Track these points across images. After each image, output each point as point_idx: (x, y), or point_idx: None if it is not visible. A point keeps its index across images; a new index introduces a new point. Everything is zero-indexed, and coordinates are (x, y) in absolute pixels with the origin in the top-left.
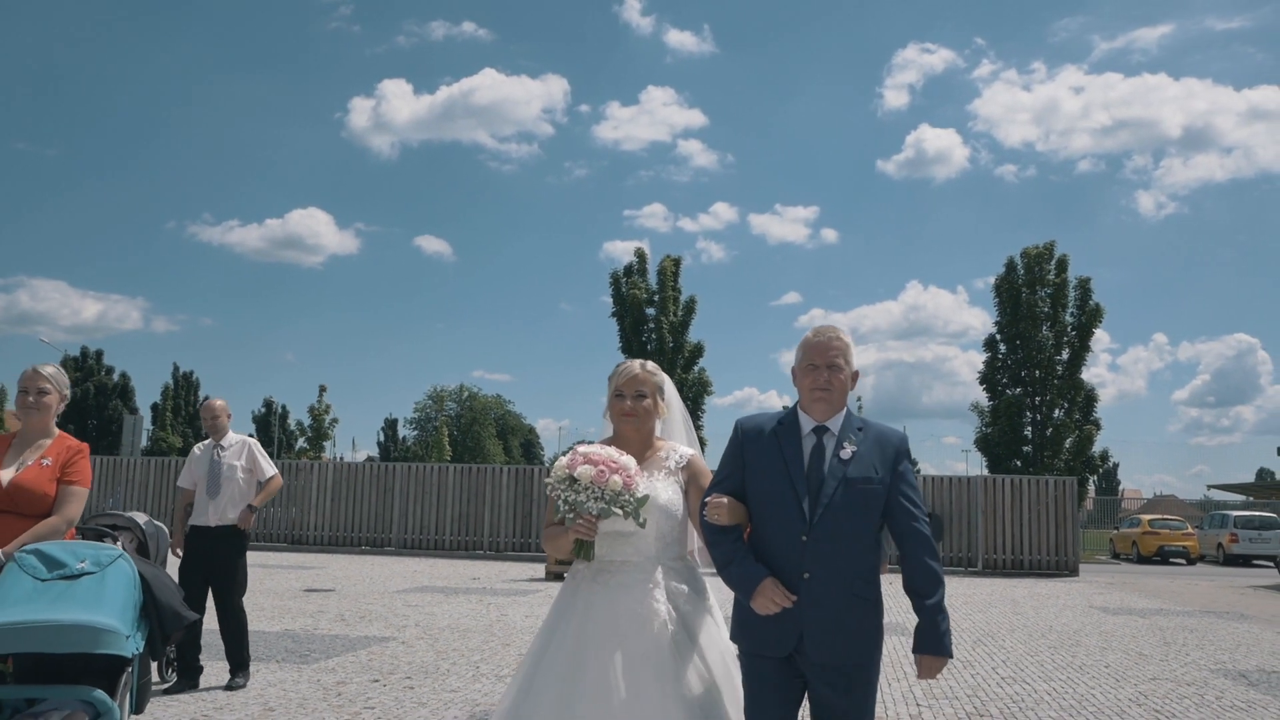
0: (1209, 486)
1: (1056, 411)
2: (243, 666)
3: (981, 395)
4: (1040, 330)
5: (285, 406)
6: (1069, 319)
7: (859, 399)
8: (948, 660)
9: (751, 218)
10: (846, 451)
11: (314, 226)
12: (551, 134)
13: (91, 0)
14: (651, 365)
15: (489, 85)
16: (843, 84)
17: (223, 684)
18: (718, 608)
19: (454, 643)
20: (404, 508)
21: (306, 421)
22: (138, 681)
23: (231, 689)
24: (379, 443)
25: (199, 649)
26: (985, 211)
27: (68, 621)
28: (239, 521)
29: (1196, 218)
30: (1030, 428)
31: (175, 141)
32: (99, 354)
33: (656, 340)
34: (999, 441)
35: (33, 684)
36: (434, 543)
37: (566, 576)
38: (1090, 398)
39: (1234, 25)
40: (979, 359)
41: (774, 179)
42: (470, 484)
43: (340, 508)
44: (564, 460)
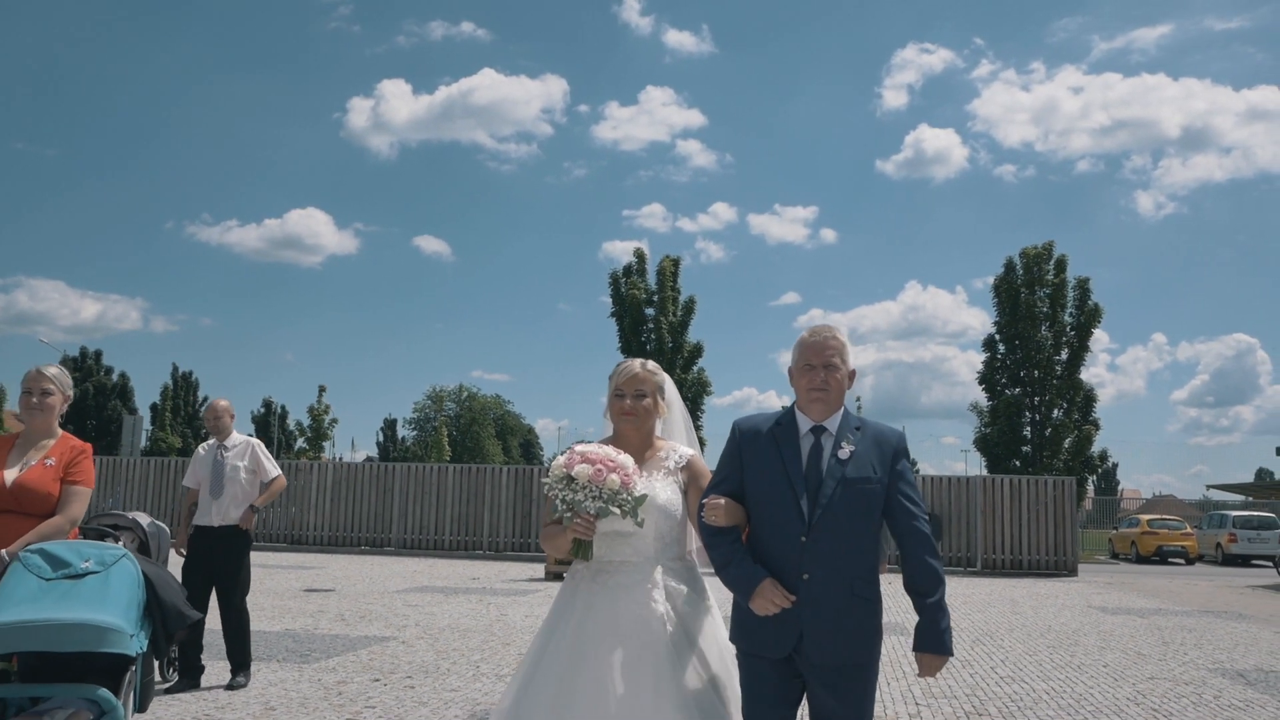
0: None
1: (1055, 411)
2: (244, 666)
3: (980, 395)
4: (1039, 330)
5: (284, 407)
6: (1068, 319)
7: (858, 399)
8: (948, 658)
9: (750, 218)
10: (845, 451)
11: (313, 226)
12: (550, 134)
13: (91, 0)
14: (652, 365)
15: (488, 85)
16: (842, 84)
17: (224, 683)
18: (717, 608)
19: (454, 642)
20: (403, 508)
21: (306, 422)
22: (141, 680)
23: (233, 688)
24: (378, 443)
25: (201, 648)
26: (984, 211)
27: (72, 620)
28: (241, 522)
29: (1195, 218)
30: (1029, 428)
31: (174, 141)
32: (98, 354)
33: (656, 340)
34: (998, 441)
35: (37, 682)
36: (433, 543)
37: (566, 576)
38: (1089, 398)
39: (1233, 25)
40: (978, 359)
41: (773, 179)
42: (470, 484)
43: (340, 508)
44: (561, 459)
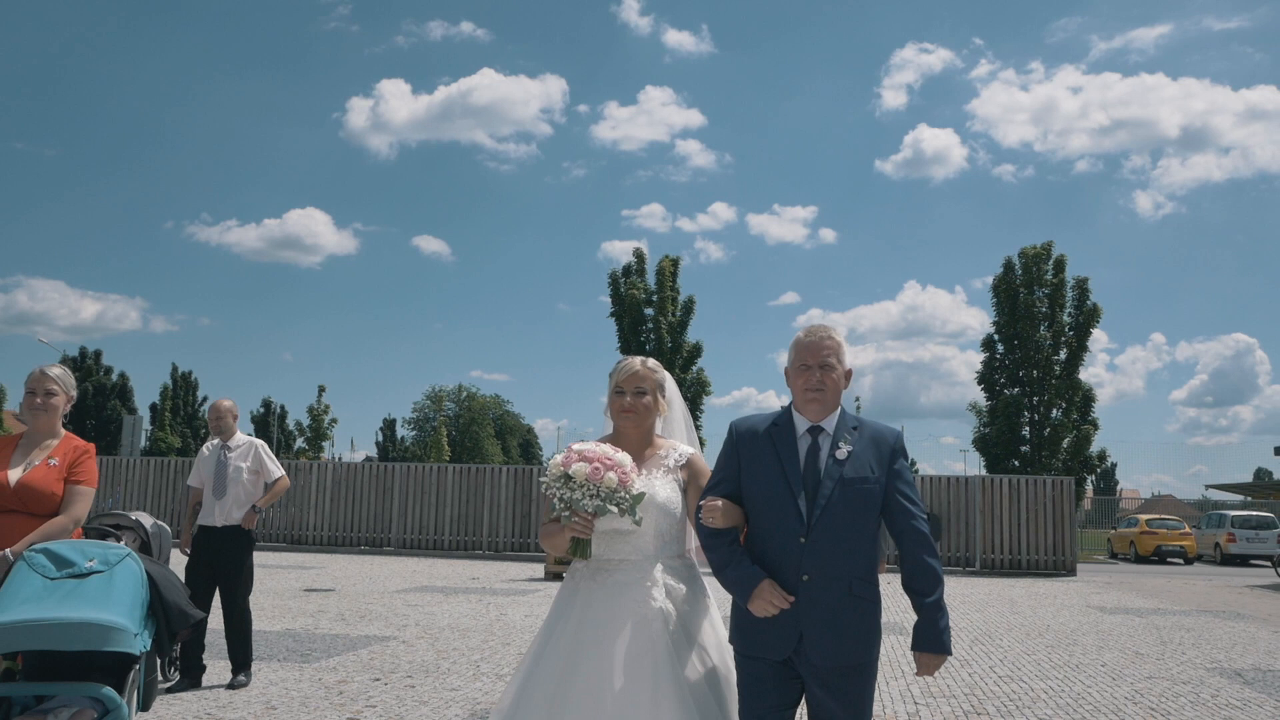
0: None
1: (1054, 411)
2: (245, 665)
3: (979, 395)
4: (1038, 330)
5: (284, 407)
6: (1067, 319)
7: (857, 399)
8: (946, 658)
9: (750, 218)
10: (842, 451)
11: (312, 226)
12: (550, 134)
13: (91, 0)
14: (652, 362)
15: (487, 85)
16: (841, 84)
17: (225, 682)
18: (716, 607)
19: (454, 642)
20: (403, 508)
21: (305, 422)
22: (144, 679)
23: (234, 687)
24: (377, 443)
25: (203, 647)
26: (983, 211)
27: (77, 619)
28: (243, 522)
29: (1194, 218)
30: (1028, 428)
31: (173, 141)
32: (98, 354)
33: (655, 340)
34: (997, 441)
35: (42, 681)
36: (433, 543)
37: (566, 575)
38: (1088, 398)
39: (1232, 25)
40: (977, 359)
41: (772, 179)
42: (469, 484)
43: (339, 508)
44: (559, 458)
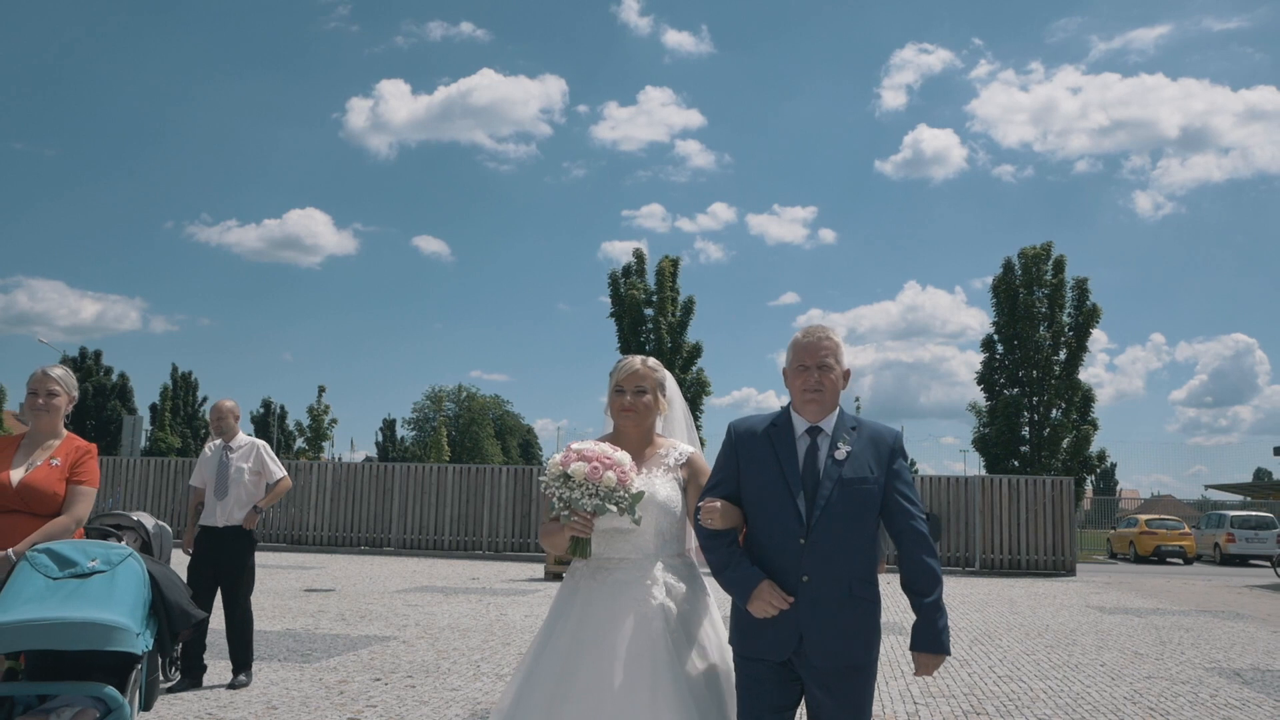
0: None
1: (1054, 411)
2: (246, 665)
3: (979, 395)
4: (1038, 330)
5: (284, 407)
6: (1066, 319)
7: (856, 399)
8: (945, 658)
9: (749, 218)
10: (841, 452)
11: (312, 227)
12: (549, 134)
13: (91, 0)
14: (653, 361)
15: (487, 85)
16: (840, 84)
17: (225, 682)
18: (716, 606)
19: (454, 642)
20: (403, 508)
21: (305, 422)
22: (146, 679)
23: (235, 687)
24: (377, 443)
25: (204, 647)
26: (983, 212)
27: (80, 619)
28: (244, 522)
29: (1194, 218)
30: (1028, 428)
31: (173, 141)
32: (97, 354)
33: (655, 341)
34: (996, 441)
35: (44, 680)
36: (433, 543)
37: (566, 575)
38: (1087, 398)
39: (1231, 26)
40: (977, 359)
41: (772, 179)
42: (469, 484)
43: (339, 508)
44: (558, 457)
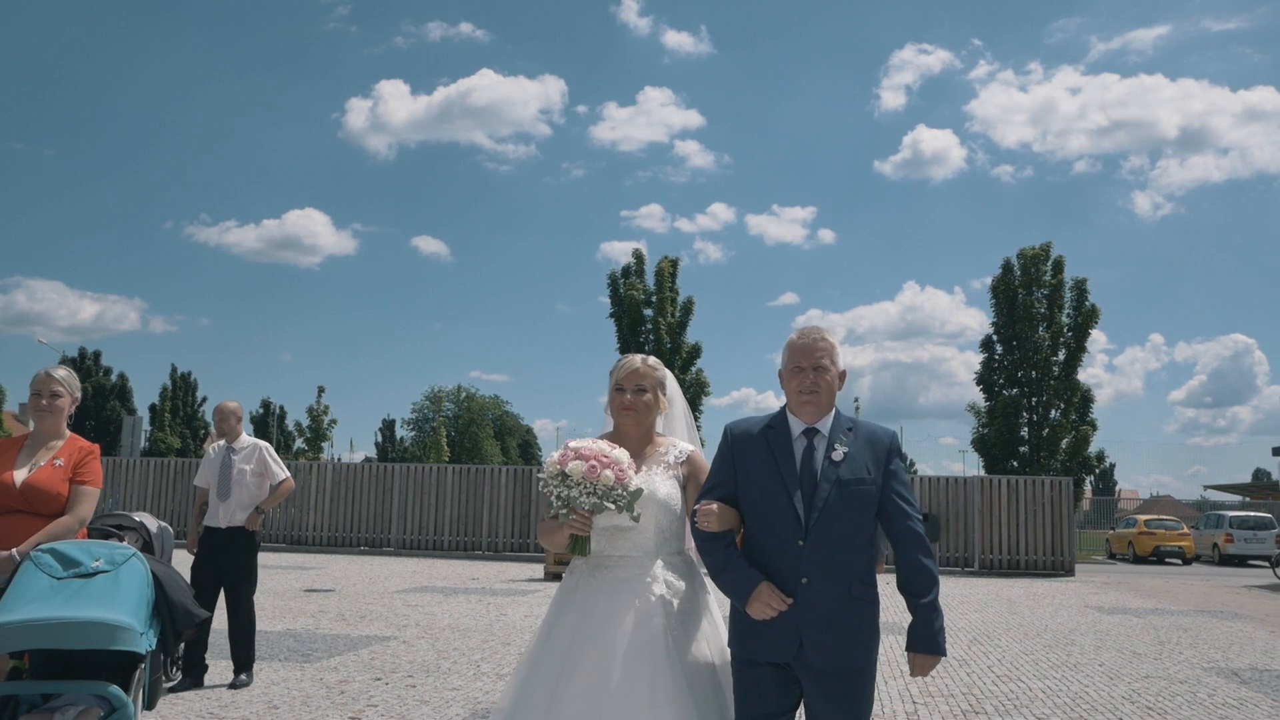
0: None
1: (1053, 412)
2: (247, 665)
3: (978, 396)
4: (1037, 331)
5: (283, 408)
6: (1065, 319)
7: (855, 399)
8: (941, 658)
9: (749, 218)
10: (838, 453)
11: (311, 227)
12: (549, 135)
13: (90, 0)
14: (653, 360)
15: (486, 86)
16: (840, 84)
17: (226, 682)
18: (716, 604)
19: (454, 642)
20: (403, 508)
21: (305, 422)
22: (150, 678)
23: (236, 687)
24: (376, 443)
25: (206, 647)
26: (982, 212)
27: (84, 619)
28: (246, 523)
29: (1193, 218)
30: (1027, 428)
31: (172, 142)
32: (97, 354)
33: (654, 341)
34: (995, 442)
35: (49, 679)
36: (433, 543)
37: (565, 573)
38: (1086, 398)
39: (1230, 26)
40: (976, 359)
41: (771, 179)
42: (469, 485)
43: (339, 508)
44: (555, 456)
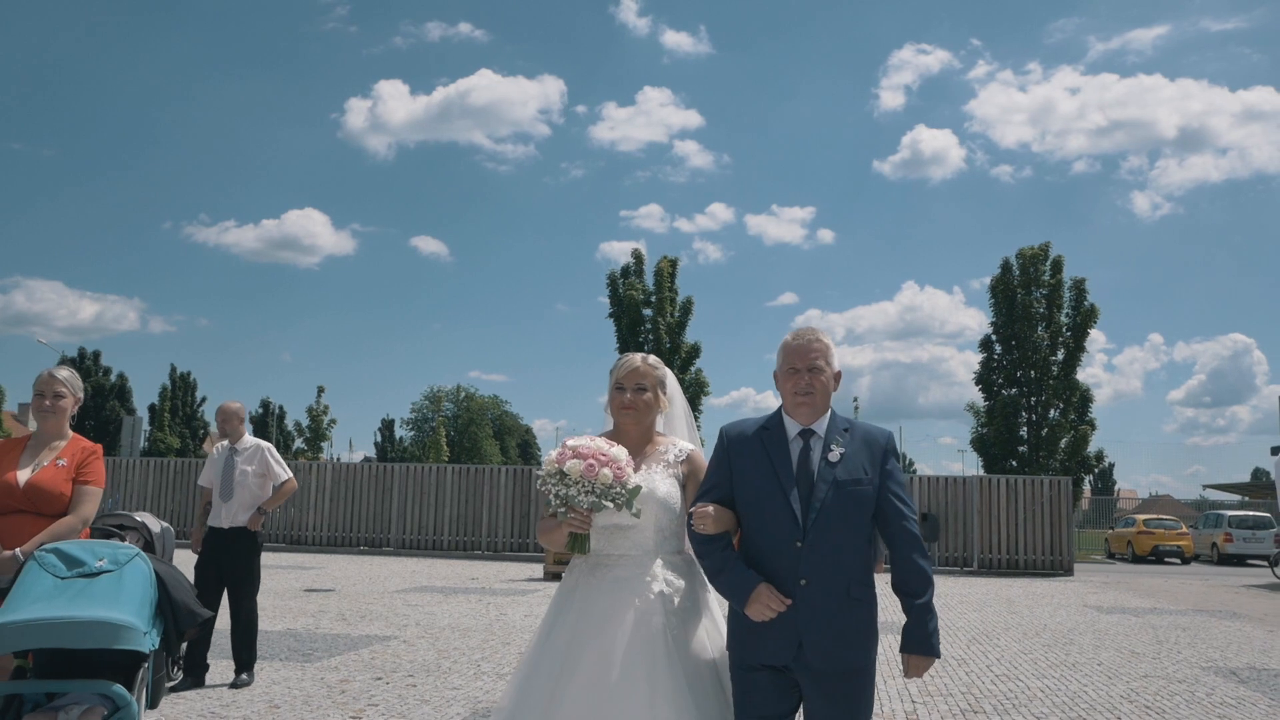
0: (1204, 486)
1: (1052, 412)
2: (249, 665)
3: (977, 395)
4: (1036, 331)
5: (282, 408)
6: (1064, 319)
7: (855, 399)
8: (935, 660)
9: (748, 218)
10: (835, 454)
11: (310, 227)
12: (548, 135)
13: (88, 0)
14: (653, 359)
15: (485, 86)
16: (839, 84)
17: (227, 682)
18: (716, 603)
19: (455, 641)
20: (402, 508)
21: (304, 422)
22: (153, 677)
23: (237, 686)
24: (376, 443)
25: (209, 646)
26: (981, 212)
27: (88, 618)
28: (248, 524)
29: (1192, 218)
30: (1026, 428)
31: (171, 142)
32: (96, 355)
33: (653, 341)
34: (995, 442)
35: (53, 678)
36: (432, 543)
37: (565, 573)
38: (1085, 398)
39: (1229, 26)
40: (975, 359)
41: (770, 179)
42: (468, 484)
43: (339, 508)
44: (553, 454)
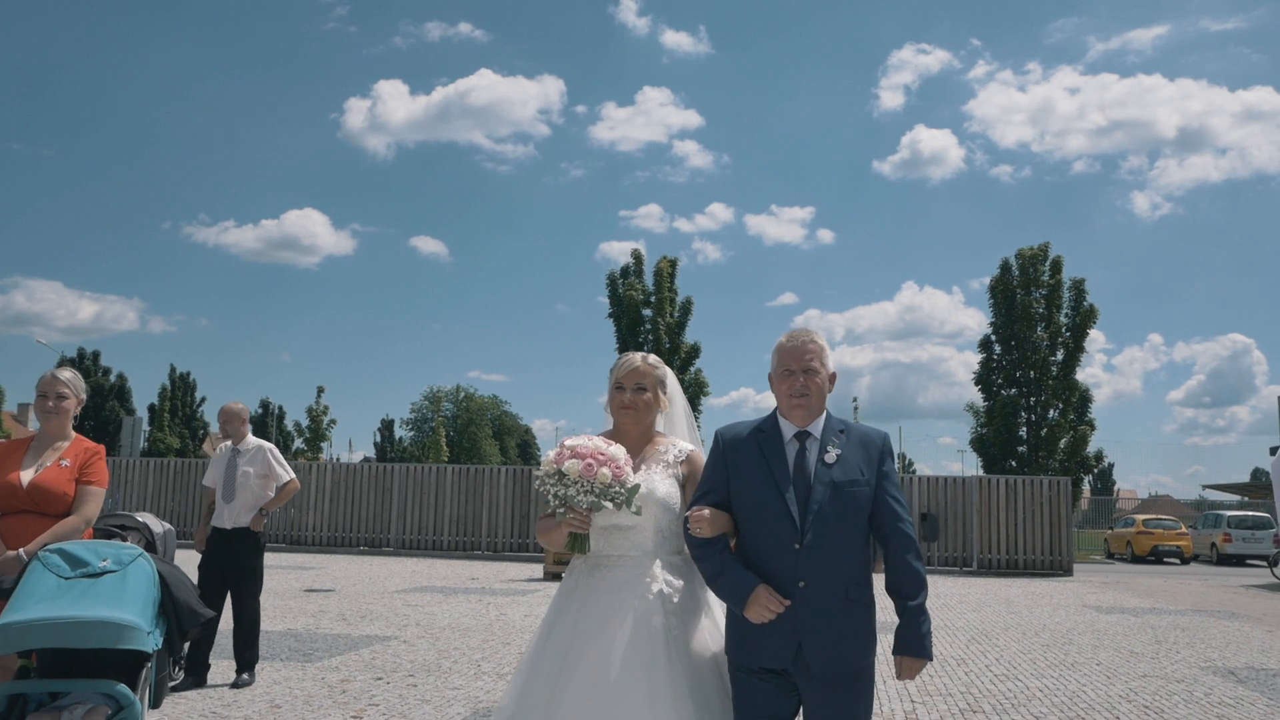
0: (1204, 486)
1: (1051, 412)
2: (250, 665)
3: (977, 396)
4: (1035, 331)
5: (282, 408)
6: (1064, 320)
7: (854, 399)
8: (927, 662)
9: (747, 218)
10: (831, 455)
11: (310, 227)
12: (548, 135)
13: (87, 1)
14: (654, 358)
15: (485, 86)
16: (838, 84)
17: (228, 682)
18: (716, 603)
19: (455, 641)
20: (402, 508)
21: (304, 422)
22: (156, 677)
23: (238, 686)
24: (375, 443)
25: (211, 646)
26: (981, 212)
27: (91, 618)
28: (250, 524)
29: (1191, 218)
30: (1025, 428)
31: (171, 142)
32: (96, 355)
33: (653, 341)
34: (994, 442)
35: (57, 678)
36: (432, 543)
37: (565, 573)
38: (1085, 398)
39: (1229, 26)
40: (974, 359)
41: (770, 179)
42: (468, 485)
43: (339, 508)
44: (551, 454)
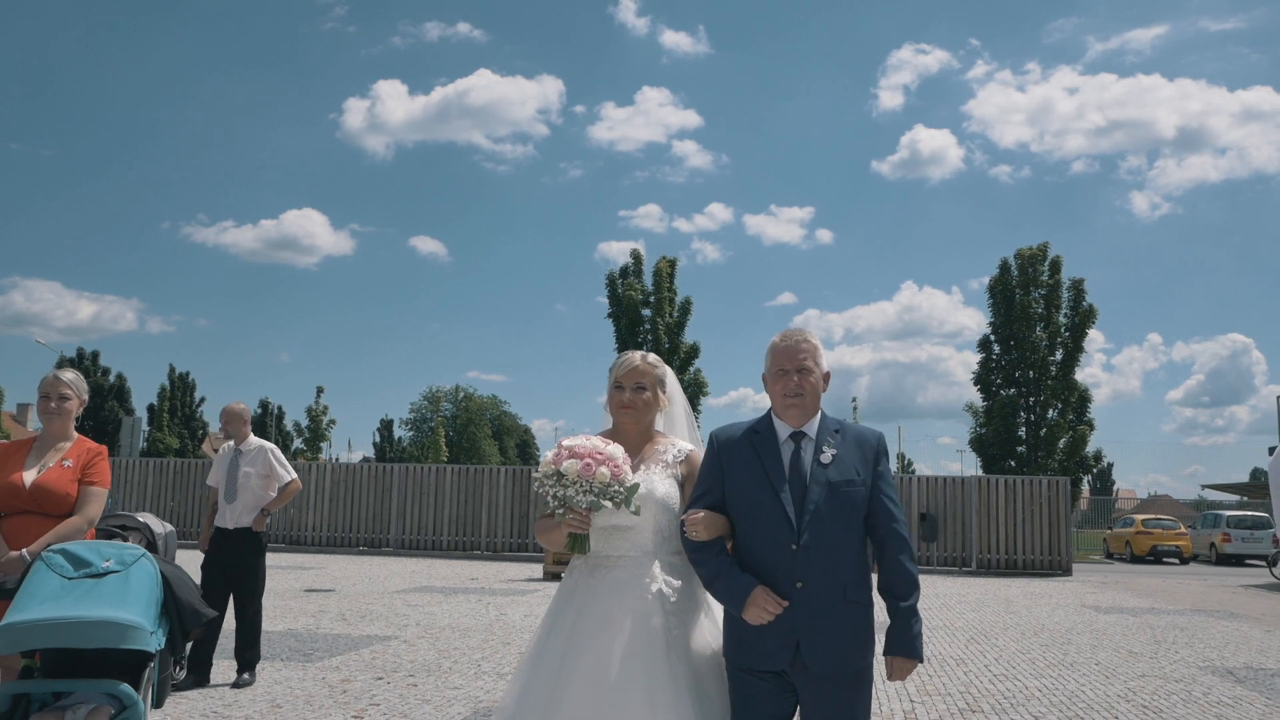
0: (1203, 486)
1: (1050, 412)
2: (252, 665)
3: (976, 396)
4: (1034, 331)
5: (281, 408)
6: (1063, 319)
7: (854, 399)
8: (918, 664)
9: (746, 218)
10: (826, 455)
11: (309, 227)
12: (547, 134)
13: (87, 1)
14: (653, 357)
15: (484, 86)
16: (837, 84)
17: (229, 681)
18: (716, 604)
19: (455, 641)
20: (402, 509)
21: (303, 422)
22: (158, 677)
23: (239, 686)
24: (374, 444)
25: (214, 646)
26: (980, 212)
27: (95, 618)
28: (252, 525)
29: (1191, 218)
30: (1024, 428)
31: (170, 142)
32: (95, 355)
33: (652, 341)
34: (993, 442)
35: (60, 678)
36: (432, 543)
37: (564, 574)
38: (1084, 398)
39: (1228, 26)
40: (973, 359)
41: (769, 179)
42: (468, 485)
43: (338, 509)
44: (549, 455)
